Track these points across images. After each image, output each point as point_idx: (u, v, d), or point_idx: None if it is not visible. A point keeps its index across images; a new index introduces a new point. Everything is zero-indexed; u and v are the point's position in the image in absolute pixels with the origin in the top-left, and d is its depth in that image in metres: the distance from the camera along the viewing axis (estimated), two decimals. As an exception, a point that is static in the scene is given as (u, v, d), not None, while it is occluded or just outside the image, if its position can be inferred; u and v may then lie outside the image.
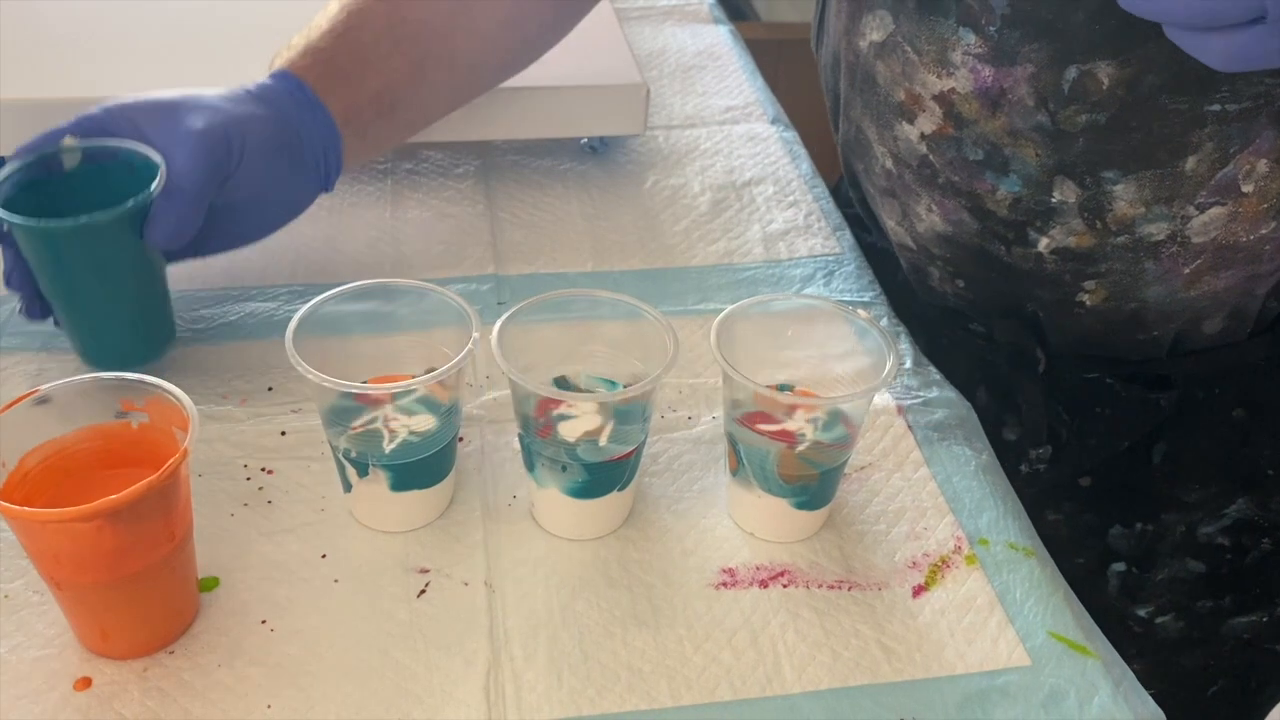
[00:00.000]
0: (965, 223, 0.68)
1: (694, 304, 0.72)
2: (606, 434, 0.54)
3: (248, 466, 0.59)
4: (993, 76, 0.61)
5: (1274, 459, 0.72)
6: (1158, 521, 0.74)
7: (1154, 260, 0.64)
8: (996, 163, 0.64)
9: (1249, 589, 0.74)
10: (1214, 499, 0.73)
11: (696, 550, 0.57)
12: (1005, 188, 0.64)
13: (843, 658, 0.52)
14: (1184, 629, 0.53)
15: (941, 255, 0.72)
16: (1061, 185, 0.62)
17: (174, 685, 0.49)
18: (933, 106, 0.65)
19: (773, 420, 0.55)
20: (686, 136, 0.90)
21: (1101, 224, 0.63)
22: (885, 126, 0.70)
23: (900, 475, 0.61)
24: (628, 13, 1.08)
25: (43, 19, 0.83)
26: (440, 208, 0.80)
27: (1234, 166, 0.60)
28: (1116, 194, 0.62)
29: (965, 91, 0.63)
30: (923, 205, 0.70)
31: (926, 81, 0.64)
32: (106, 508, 0.44)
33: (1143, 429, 0.72)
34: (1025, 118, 0.61)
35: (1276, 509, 0.73)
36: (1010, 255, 0.67)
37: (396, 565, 0.55)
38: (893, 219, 0.75)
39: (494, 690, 0.50)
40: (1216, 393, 0.72)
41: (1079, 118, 0.60)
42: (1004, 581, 0.56)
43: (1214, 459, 0.73)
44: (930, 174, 0.68)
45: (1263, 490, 0.73)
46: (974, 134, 0.64)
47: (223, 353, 0.66)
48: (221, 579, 0.54)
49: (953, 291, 0.74)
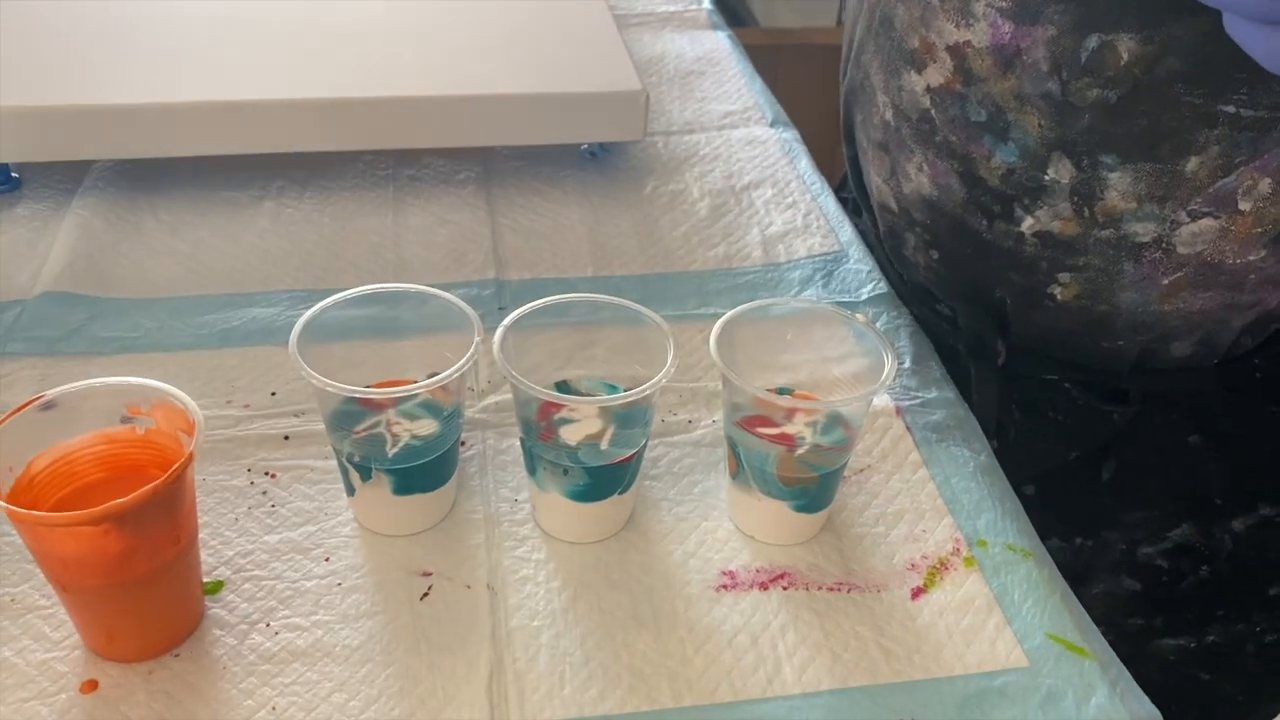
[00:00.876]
0: (952, 189, 0.67)
1: (694, 308, 0.73)
2: (608, 438, 0.55)
3: (251, 471, 0.60)
4: (1011, 33, 0.59)
5: (1223, 489, 0.71)
6: (1098, 538, 0.73)
7: (1134, 263, 0.63)
8: (997, 127, 0.62)
9: (1182, 613, 0.73)
10: (1157, 521, 0.72)
11: (697, 553, 0.57)
12: (1001, 155, 0.63)
13: (842, 659, 0.52)
14: (1112, 644, 0.53)
15: (921, 221, 0.71)
16: (1058, 163, 0.61)
17: (179, 688, 0.49)
18: (944, 58, 0.63)
19: (772, 424, 0.56)
20: (686, 142, 0.91)
21: (1089, 212, 0.62)
22: (892, 74, 0.68)
23: (899, 477, 0.62)
24: (627, 20, 1.09)
25: (44, 25, 0.84)
26: (442, 213, 0.81)
27: (1235, 178, 0.58)
28: (1111, 182, 0.61)
29: (981, 46, 0.61)
30: (913, 164, 0.69)
31: (943, 30, 0.63)
32: (113, 511, 0.45)
33: (1094, 441, 0.71)
34: (1036, 83, 0.60)
35: (1220, 539, 0.72)
36: (991, 231, 0.66)
37: (399, 568, 0.55)
38: (880, 176, 0.73)
39: (497, 692, 0.50)
40: (1174, 416, 0.71)
41: (1090, 92, 0.58)
42: (1002, 583, 0.56)
43: (1163, 481, 0.72)
44: (929, 130, 0.67)
45: (1208, 518, 0.72)
46: (980, 93, 0.62)
47: (226, 358, 0.67)
48: (226, 582, 0.54)
49: (925, 263, 0.73)
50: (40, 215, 0.78)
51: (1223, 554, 0.72)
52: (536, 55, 0.85)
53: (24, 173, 0.81)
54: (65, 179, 0.81)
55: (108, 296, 0.71)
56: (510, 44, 0.86)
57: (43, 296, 0.70)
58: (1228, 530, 0.72)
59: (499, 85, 0.80)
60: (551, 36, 0.89)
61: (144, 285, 0.72)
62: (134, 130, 0.76)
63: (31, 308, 0.69)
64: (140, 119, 0.76)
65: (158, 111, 0.76)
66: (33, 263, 0.73)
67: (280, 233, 0.78)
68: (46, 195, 0.80)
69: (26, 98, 0.75)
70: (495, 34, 0.87)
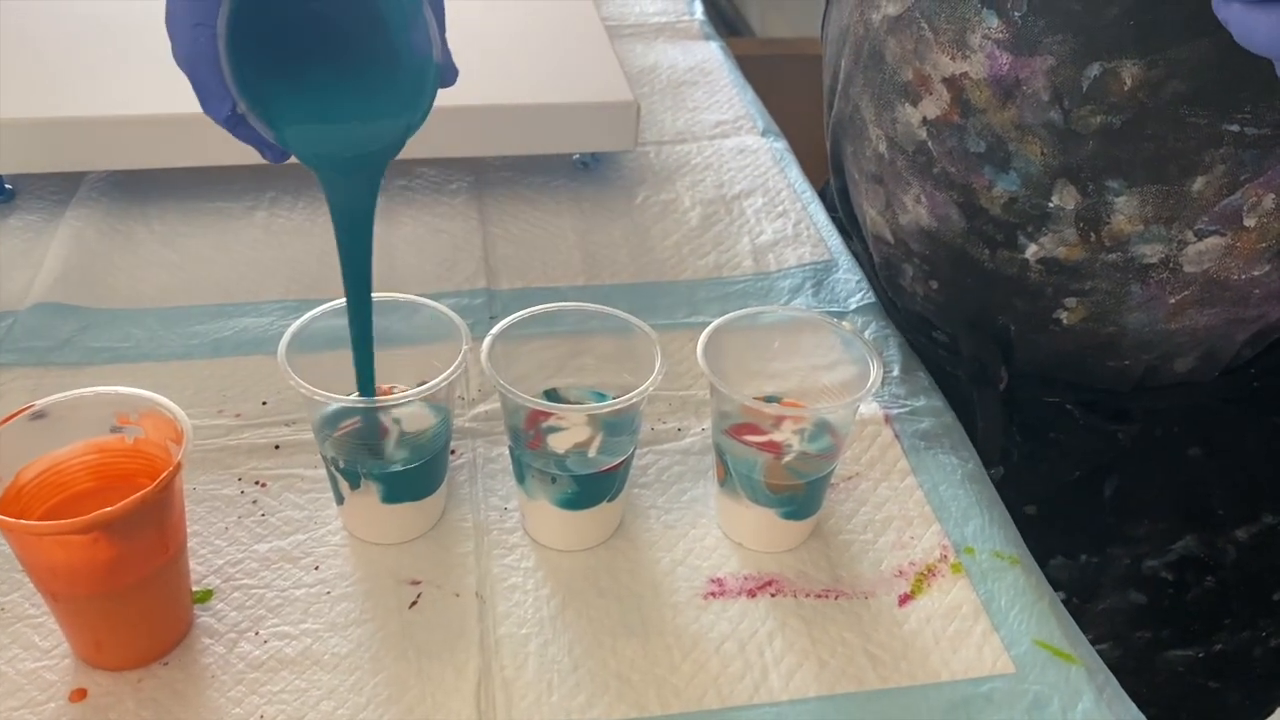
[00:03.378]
0: (952, 220, 0.66)
1: (684, 317, 0.73)
2: (596, 446, 0.55)
3: (241, 480, 0.60)
4: (1010, 64, 0.58)
5: (1225, 499, 0.71)
6: (1103, 555, 0.73)
7: (1141, 284, 0.63)
8: (998, 157, 0.62)
9: (1188, 624, 0.74)
10: (1161, 534, 0.72)
11: (685, 560, 0.57)
12: (1002, 185, 0.62)
13: (829, 666, 0.52)
14: (1120, 658, 0.52)
15: (919, 253, 0.70)
16: (1062, 189, 0.61)
17: (168, 696, 0.50)
18: (941, 90, 0.62)
19: (760, 431, 0.56)
20: (677, 152, 0.91)
21: (1096, 237, 0.62)
22: (885, 107, 0.67)
23: (887, 484, 0.62)
24: (619, 30, 1.09)
25: (37, 38, 0.84)
26: (433, 223, 0.81)
27: (1241, 196, 0.58)
28: (1117, 206, 0.60)
29: (978, 77, 0.60)
30: (910, 196, 0.68)
31: (939, 63, 0.62)
32: (101, 520, 0.45)
33: (1097, 460, 0.71)
34: (1037, 112, 0.59)
35: (1223, 548, 0.72)
36: (993, 260, 0.66)
37: (388, 577, 0.55)
38: (875, 208, 0.72)
39: (484, 699, 0.50)
40: (1175, 430, 0.71)
41: (1093, 119, 0.58)
42: (989, 590, 0.56)
43: (1165, 495, 0.72)
44: (925, 162, 0.66)
45: (1211, 529, 0.72)
46: (979, 124, 0.62)
47: (216, 367, 0.67)
48: (215, 591, 0.54)
49: (924, 293, 0.73)
50: (33, 226, 0.78)
51: (1227, 563, 0.73)
52: (528, 66, 0.86)
53: (17, 184, 0.81)
54: (58, 190, 0.81)
55: (100, 307, 0.71)
56: (502, 54, 0.86)
57: (35, 308, 0.70)
58: (1231, 540, 0.72)
59: (491, 96, 0.81)
60: (543, 47, 0.89)
61: (136, 295, 0.72)
62: (127, 141, 0.77)
63: (24, 319, 0.69)
64: (133, 130, 0.76)
65: (150, 123, 0.76)
66: (26, 273, 0.73)
67: (272, 243, 0.78)
68: (39, 206, 0.80)
69: (20, 110, 0.75)
70: (487, 45, 0.88)
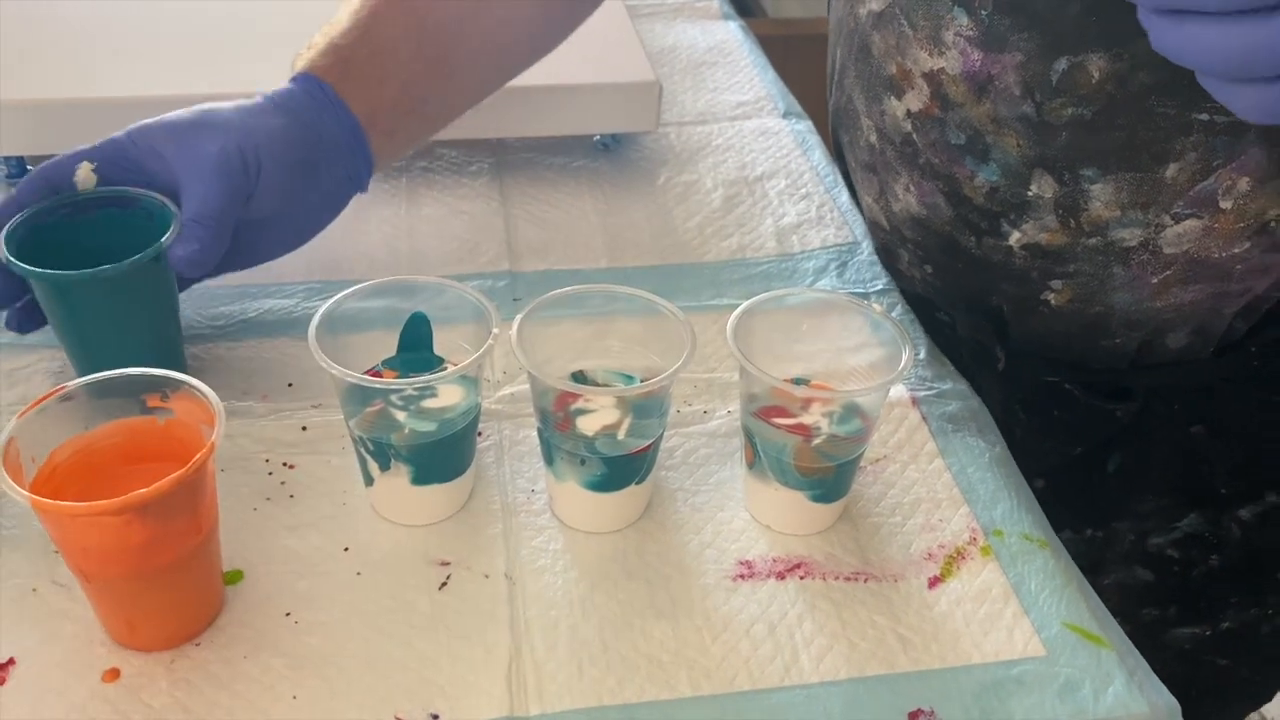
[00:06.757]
0: (939, 208, 0.67)
1: (708, 299, 0.73)
2: (624, 428, 0.55)
3: (270, 461, 0.60)
4: (981, 61, 0.60)
5: (1229, 477, 0.72)
6: (1108, 529, 0.73)
7: (1123, 266, 0.64)
8: (978, 149, 0.63)
9: (1194, 602, 0.74)
10: (1166, 511, 0.72)
11: (714, 543, 0.57)
12: (983, 175, 0.63)
13: (859, 648, 0.52)
14: (1128, 635, 0.53)
15: (913, 239, 0.71)
16: (1040, 179, 0.62)
17: (201, 677, 0.50)
18: (921, 84, 0.64)
19: (788, 414, 0.56)
20: (699, 133, 0.91)
21: (1075, 223, 0.63)
22: (874, 99, 0.69)
23: (915, 467, 0.62)
24: (639, 10, 1.08)
25: (48, 20, 0.84)
26: (455, 205, 0.81)
27: (1215, 180, 0.59)
28: (1093, 194, 0.61)
29: (954, 73, 0.62)
30: (901, 184, 0.69)
31: (918, 58, 0.63)
32: (135, 502, 0.45)
33: (1098, 437, 0.72)
34: (1011, 106, 0.60)
35: (1228, 526, 0.72)
36: (980, 247, 0.67)
37: (418, 558, 0.56)
38: (870, 195, 0.74)
39: (516, 680, 0.50)
40: (1177, 408, 0.71)
41: (1065, 110, 0.59)
42: (1019, 572, 0.56)
43: (1169, 472, 0.72)
44: (912, 153, 0.67)
45: (1215, 507, 0.72)
46: (958, 117, 0.63)
47: (242, 349, 0.67)
48: (246, 572, 0.54)
49: (920, 277, 0.74)
50: (56, 207, 0.78)
51: (1231, 542, 0.73)
52: (549, 46, 0.85)
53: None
54: (80, 171, 0.81)
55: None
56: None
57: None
58: (1235, 518, 0.72)
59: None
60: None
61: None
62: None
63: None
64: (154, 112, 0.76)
65: (173, 104, 0.76)
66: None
67: (295, 224, 0.78)
68: (62, 188, 0.80)
69: (34, 92, 0.75)
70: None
